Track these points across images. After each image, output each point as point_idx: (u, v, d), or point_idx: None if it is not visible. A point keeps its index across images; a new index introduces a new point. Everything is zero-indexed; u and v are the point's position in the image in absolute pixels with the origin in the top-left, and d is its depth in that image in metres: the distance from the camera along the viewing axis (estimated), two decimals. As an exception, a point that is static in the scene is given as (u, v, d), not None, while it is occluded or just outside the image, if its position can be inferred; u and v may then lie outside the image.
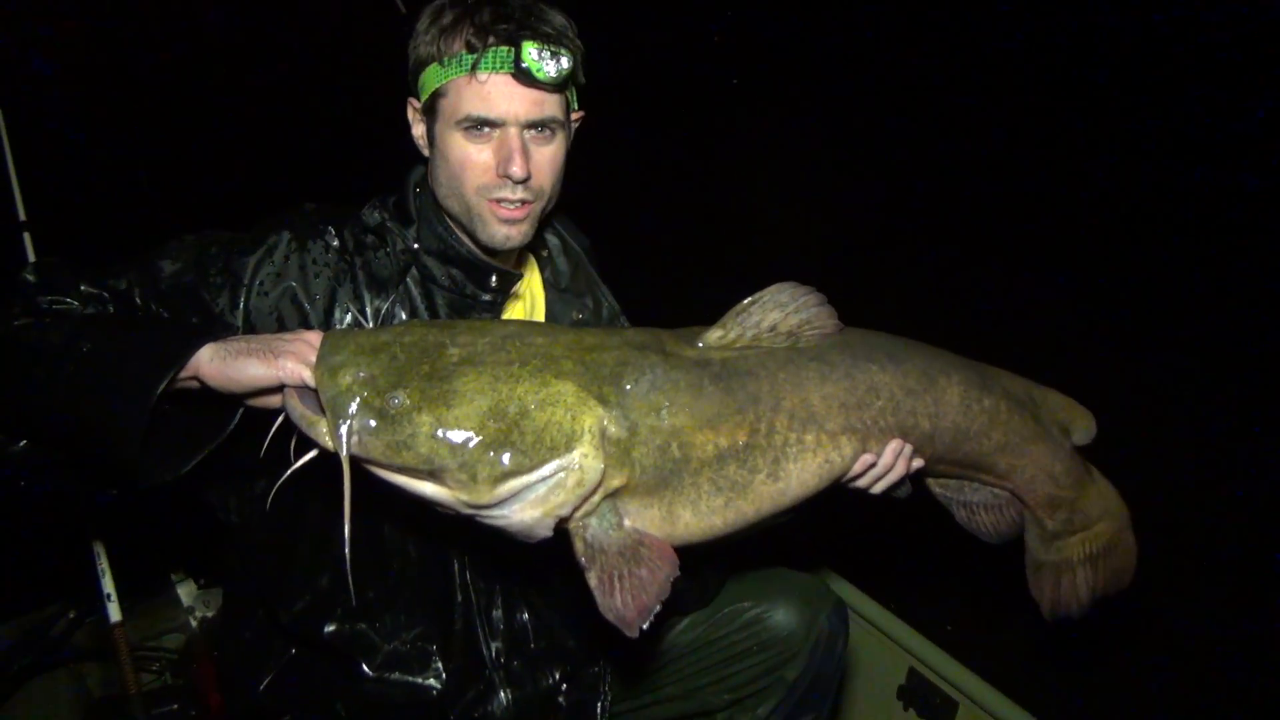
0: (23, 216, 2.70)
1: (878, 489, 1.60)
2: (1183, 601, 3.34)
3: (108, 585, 2.38)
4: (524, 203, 1.63)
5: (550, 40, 1.56)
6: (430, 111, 1.64)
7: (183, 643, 2.94)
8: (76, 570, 2.49)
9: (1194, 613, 3.32)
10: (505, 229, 1.64)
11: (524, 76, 1.54)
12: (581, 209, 2.01)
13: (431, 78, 1.60)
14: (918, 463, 1.61)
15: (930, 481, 1.80)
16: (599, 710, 1.89)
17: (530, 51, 1.53)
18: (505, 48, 1.54)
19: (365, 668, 1.71)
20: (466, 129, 1.59)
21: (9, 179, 2.73)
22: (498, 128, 1.59)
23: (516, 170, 1.57)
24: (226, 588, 2.15)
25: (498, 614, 1.77)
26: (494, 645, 1.77)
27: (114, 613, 2.36)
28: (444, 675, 1.73)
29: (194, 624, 2.97)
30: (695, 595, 1.98)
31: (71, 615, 2.70)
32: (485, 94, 1.56)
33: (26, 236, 2.65)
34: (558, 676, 1.82)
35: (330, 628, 1.71)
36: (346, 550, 1.26)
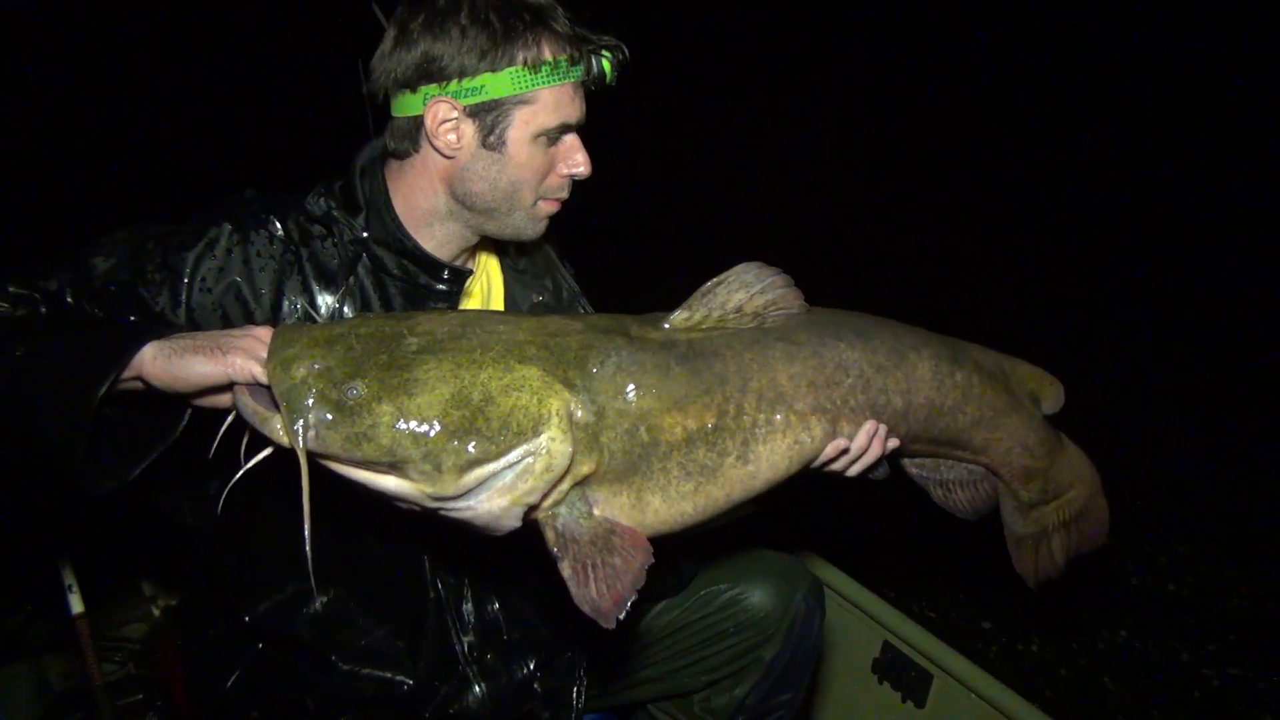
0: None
1: (853, 472, 1.57)
2: (1150, 571, 3.39)
3: (69, 576, 2.34)
4: None
5: (616, 50, 1.63)
6: (488, 113, 1.56)
7: (145, 632, 2.89)
8: (34, 561, 2.45)
9: (1161, 582, 3.37)
10: (545, 223, 1.70)
11: (598, 83, 1.62)
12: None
13: (507, 82, 1.53)
14: (893, 443, 1.59)
15: (906, 462, 1.78)
16: (575, 696, 1.87)
17: (610, 61, 1.61)
18: (597, 58, 1.60)
19: (335, 661, 1.68)
20: (551, 135, 1.59)
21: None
22: (569, 131, 1.63)
23: (587, 170, 1.65)
24: (188, 583, 2.10)
25: (468, 608, 1.74)
26: (465, 640, 1.74)
27: (76, 604, 2.33)
28: (415, 671, 1.70)
29: (156, 613, 2.93)
30: (671, 582, 1.96)
31: (29, 607, 2.66)
32: (573, 100, 1.60)
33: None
34: (532, 666, 1.80)
35: (298, 625, 1.67)
36: (308, 550, 1.21)
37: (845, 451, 1.52)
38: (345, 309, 1.61)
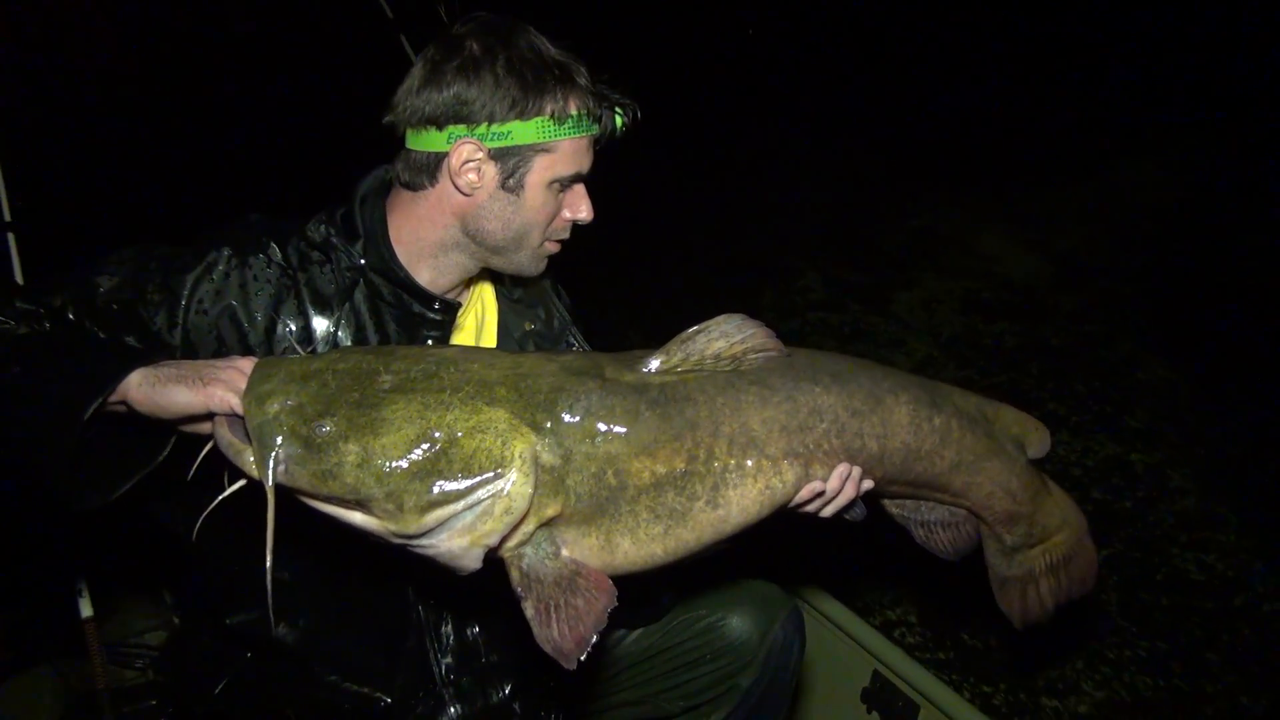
0: (8, 217, 2.73)
1: (828, 513, 1.57)
2: (1139, 608, 3.37)
3: (80, 581, 2.42)
4: None
5: (629, 108, 1.73)
6: (510, 157, 1.63)
7: (164, 640, 2.97)
8: (56, 567, 2.53)
9: (1151, 619, 3.34)
10: (545, 262, 1.79)
11: (610, 138, 1.72)
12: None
13: (533, 130, 1.61)
14: (868, 484, 1.58)
15: (886, 503, 1.78)
16: None
17: (623, 118, 1.72)
18: (610, 115, 1.70)
19: (318, 673, 1.73)
20: (564, 183, 1.68)
21: (-6, 180, 2.76)
22: (580, 180, 1.72)
23: (590, 217, 1.75)
24: (186, 591, 2.17)
25: (447, 630, 1.77)
26: (444, 661, 1.77)
27: (85, 608, 2.40)
28: (393, 689, 1.74)
29: (176, 621, 3.01)
30: (649, 613, 1.99)
31: (52, 613, 2.74)
32: (587, 151, 1.70)
33: (11, 237, 2.68)
34: (508, 690, 1.82)
35: (283, 634, 1.71)
36: (269, 581, 1.26)
37: (820, 494, 1.52)
38: (340, 334, 1.66)
